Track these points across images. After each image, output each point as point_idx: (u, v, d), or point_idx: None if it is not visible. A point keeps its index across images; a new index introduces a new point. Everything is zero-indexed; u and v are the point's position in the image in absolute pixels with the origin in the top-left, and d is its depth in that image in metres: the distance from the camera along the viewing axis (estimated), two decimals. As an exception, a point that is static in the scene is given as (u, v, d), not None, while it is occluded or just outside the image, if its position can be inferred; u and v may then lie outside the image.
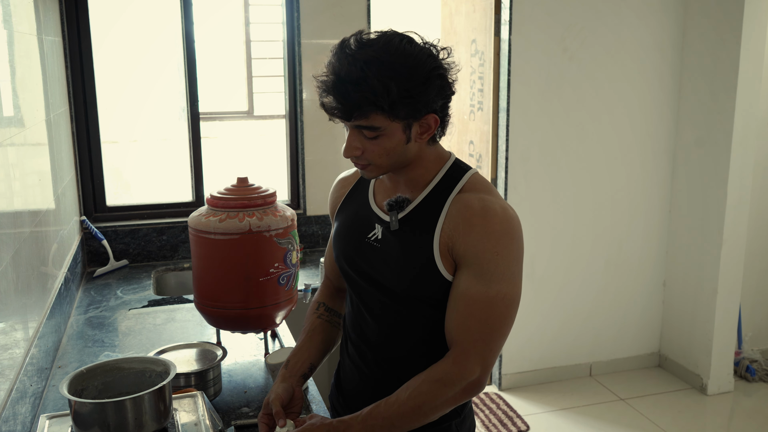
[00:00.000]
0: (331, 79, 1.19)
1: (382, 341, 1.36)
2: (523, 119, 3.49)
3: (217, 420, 1.50)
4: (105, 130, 2.98)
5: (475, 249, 1.22)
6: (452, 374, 1.22)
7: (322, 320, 1.48)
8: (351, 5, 3.08)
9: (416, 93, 1.19)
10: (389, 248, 1.31)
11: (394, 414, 1.21)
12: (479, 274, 1.22)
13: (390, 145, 1.23)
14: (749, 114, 3.39)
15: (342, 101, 1.18)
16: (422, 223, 1.28)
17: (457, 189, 1.29)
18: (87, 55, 2.85)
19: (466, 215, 1.24)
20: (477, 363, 1.22)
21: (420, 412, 1.22)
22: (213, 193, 1.83)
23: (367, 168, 1.27)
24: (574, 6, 3.44)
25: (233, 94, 6.68)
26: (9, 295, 1.51)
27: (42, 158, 2.13)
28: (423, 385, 1.22)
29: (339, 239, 1.42)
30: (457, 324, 1.24)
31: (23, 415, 1.52)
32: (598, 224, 3.73)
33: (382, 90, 1.16)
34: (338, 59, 1.19)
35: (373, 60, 1.17)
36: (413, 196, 1.32)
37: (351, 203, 1.43)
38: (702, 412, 3.54)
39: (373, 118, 1.19)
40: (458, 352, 1.23)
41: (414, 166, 1.30)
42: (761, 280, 3.97)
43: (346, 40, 1.22)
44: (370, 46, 1.19)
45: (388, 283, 1.32)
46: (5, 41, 1.70)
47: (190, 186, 3.13)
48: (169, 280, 2.90)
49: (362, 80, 1.16)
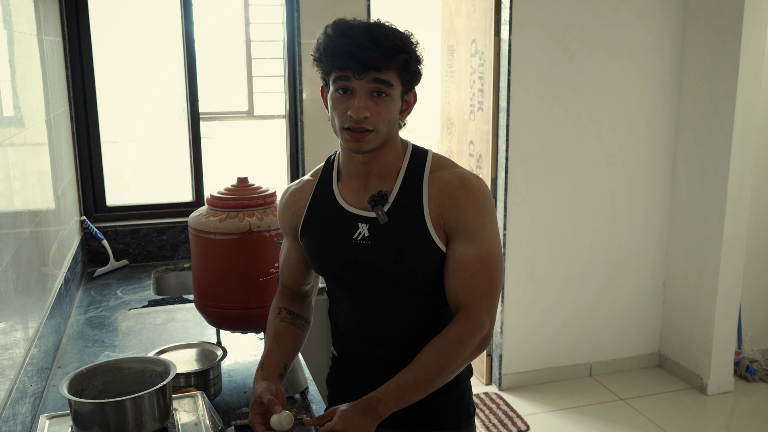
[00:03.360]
0: (357, 33, 1.27)
1: (392, 327, 1.43)
2: (523, 119, 3.49)
3: (217, 420, 1.50)
4: (105, 130, 2.98)
5: (465, 217, 1.35)
6: (467, 332, 1.34)
7: (286, 323, 1.50)
8: (351, 5, 3.08)
9: (418, 59, 1.34)
10: (382, 241, 1.37)
11: (421, 379, 1.31)
12: (470, 239, 1.36)
13: (394, 110, 1.33)
14: (749, 114, 3.39)
15: (375, 48, 1.26)
16: (408, 208, 1.37)
17: (427, 170, 1.40)
18: (87, 55, 2.85)
19: (447, 190, 1.37)
20: (486, 317, 1.36)
21: (444, 373, 1.33)
22: (213, 193, 1.83)
23: (368, 136, 1.32)
24: (574, 6, 3.44)
25: (233, 94, 6.67)
26: (9, 295, 1.51)
27: (42, 158, 2.13)
28: (443, 348, 1.33)
29: (319, 250, 1.45)
30: (462, 287, 1.36)
31: (23, 415, 1.52)
32: (598, 224, 3.73)
33: (409, 42, 1.31)
34: (351, 25, 1.30)
35: (387, 25, 1.32)
36: (387, 185, 1.40)
37: (317, 213, 1.46)
38: (702, 412, 3.54)
39: (392, 73, 1.30)
40: (468, 311, 1.35)
41: (387, 151, 1.38)
42: (761, 280, 3.97)
43: (339, 20, 1.33)
44: (369, 21, 1.33)
45: (388, 273, 1.38)
46: (5, 41, 1.70)
47: (190, 186, 3.13)
48: (169, 280, 2.90)
49: (390, 32, 1.30)
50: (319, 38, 1.34)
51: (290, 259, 1.54)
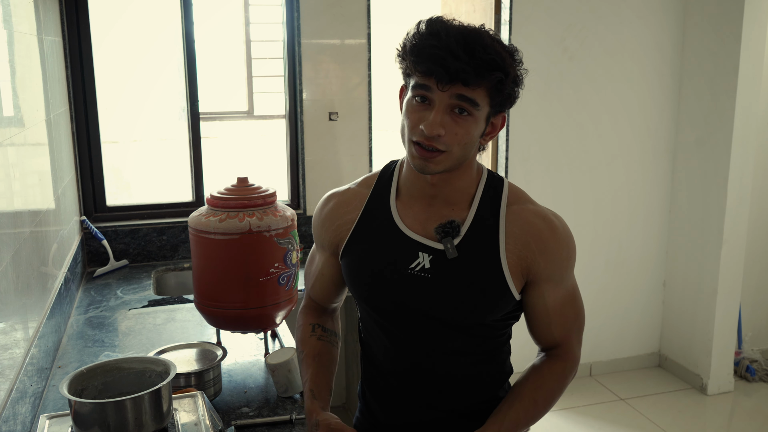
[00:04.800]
0: (451, 37, 1.11)
1: (435, 369, 1.30)
2: (523, 119, 3.49)
3: (217, 420, 1.49)
4: (105, 130, 2.98)
5: (554, 263, 1.25)
6: (569, 369, 1.32)
7: (323, 342, 1.39)
8: (351, 5, 3.08)
9: (518, 81, 1.18)
10: (446, 277, 1.22)
11: (531, 415, 1.27)
12: (559, 282, 1.27)
13: (474, 132, 1.16)
14: (749, 114, 3.39)
15: (468, 59, 1.09)
16: (482, 246, 1.23)
17: (504, 202, 1.25)
18: (87, 55, 2.84)
19: (533, 232, 1.23)
20: (579, 348, 1.34)
21: (549, 407, 1.31)
22: (213, 193, 1.83)
23: (438, 156, 1.15)
24: (574, 6, 3.44)
25: (233, 94, 6.68)
26: (9, 295, 1.51)
27: (42, 158, 2.13)
28: (550, 383, 1.30)
29: (364, 275, 1.29)
30: (557, 329, 1.30)
31: (23, 415, 1.52)
32: (598, 224, 3.73)
33: (508, 61, 1.14)
34: (448, 26, 1.14)
35: (489, 34, 1.16)
36: (458, 215, 1.24)
37: (368, 232, 1.30)
38: (702, 412, 3.53)
39: (481, 91, 1.13)
40: (566, 349, 1.32)
41: (460, 175, 1.23)
42: (761, 280, 3.97)
43: (437, 17, 1.18)
44: (474, 27, 1.17)
45: (449, 315, 1.25)
46: (5, 41, 1.70)
47: (190, 186, 3.13)
48: (169, 280, 2.90)
49: (490, 45, 1.12)
50: (408, 32, 1.18)
51: (324, 276, 1.41)
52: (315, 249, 1.45)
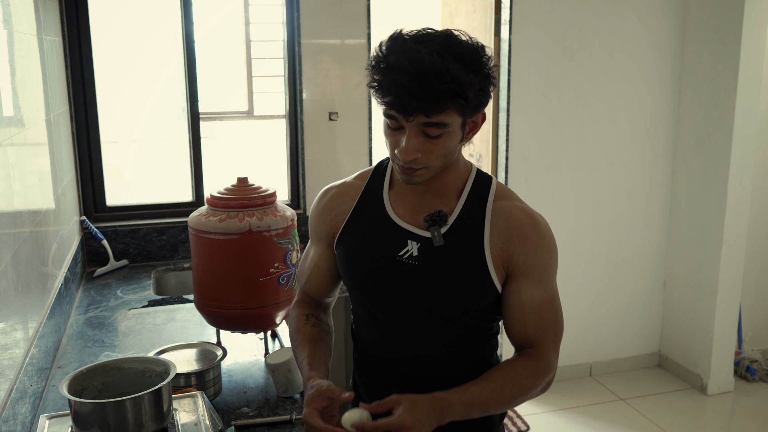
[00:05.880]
0: (404, 73, 1.10)
1: (422, 359, 1.34)
2: (523, 119, 3.49)
3: (217, 420, 1.49)
4: (105, 130, 2.98)
5: (534, 257, 1.28)
6: (542, 369, 1.30)
7: (318, 329, 1.39)
8: (351, 5, 3.08)
9: (486, 86, 1.18)
10: (432, 265, 1.27)
11: (494, 400, 1.26)
12: (538, 281, 1.29)
13: (451, 145, 1.20)
14: (749, 114, 3.39)
15: (423, 95, 1.10)
16: (467, 235, 1.27)
17: (491, 198, 1.30)
18: (87, 55, 2.85)
19: (516, 226, 1.28)
20: (555, 358, 1.33)
21: (513, 402, 1.30)
22: (213, 193, 1.83)
23: (418, 172, 1.21)
24: (574, 6, 3.44)
25: (233, 94, 6.68)
26: (9, 295, 1.51)
27: (42, 158, 2.13)
28: (520, 377, 1.28)
29: (356, 261, 1.34)
30: (532, 328, 1.30)
31: (23, 415, 1.52)
32: (598, 224, 3.73)
33: (466, 82, 1.12)
34: (403, 54, 1.11)
35: (447, 52, 1.12)
36: (446, 206, 1.29)
37: (361, 221, 1.34)
38: (702, 412, 3.54)
39: (447, 113, 1.14)
40: (540, 351, 1.31)
41: (448, 172, 1.28)
42: (761, 280, 3.97)
43: (397, 35, 1.16)
44: (434, 39, 1.14)
45: (433, 301, 1.28)
46: (5, 41, 1.70)
47: (190, 186, 3.13)
48: (169, 280, 2.90)
49: (445, 72, 1.10)
50: (372, 54, 1.17)
51: (320, 268, 1.43)
52: (309, 245, 1.48)
